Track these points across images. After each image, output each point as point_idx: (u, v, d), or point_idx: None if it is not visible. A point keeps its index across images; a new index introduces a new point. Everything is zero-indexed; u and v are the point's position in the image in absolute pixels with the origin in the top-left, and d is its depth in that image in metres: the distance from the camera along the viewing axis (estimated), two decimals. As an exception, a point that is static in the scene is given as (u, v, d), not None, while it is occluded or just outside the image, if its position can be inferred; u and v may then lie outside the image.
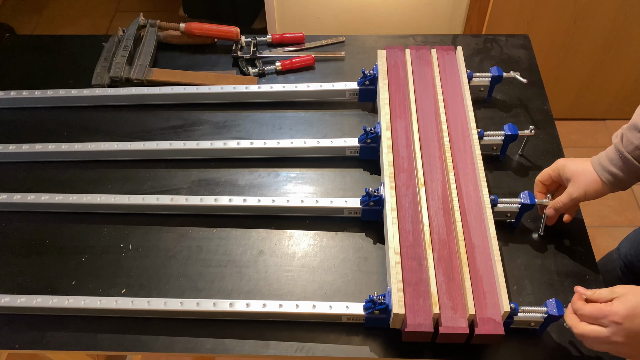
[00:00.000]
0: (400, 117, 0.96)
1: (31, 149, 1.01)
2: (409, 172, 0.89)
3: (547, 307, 0.75)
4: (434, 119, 0.95)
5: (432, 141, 0.92)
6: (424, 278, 0.77)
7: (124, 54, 1.16)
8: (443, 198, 0.86)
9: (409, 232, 0.82)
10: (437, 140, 0.92)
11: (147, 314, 0.82)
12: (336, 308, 0.78)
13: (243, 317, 0.81)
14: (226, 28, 1.19)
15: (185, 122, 1.08)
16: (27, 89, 1.11)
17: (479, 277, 0.78)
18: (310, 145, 0.98)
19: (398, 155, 0.91)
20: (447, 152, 0.90)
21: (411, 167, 0.89)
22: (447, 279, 0.77)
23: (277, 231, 0.92)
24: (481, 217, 0.83)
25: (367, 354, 0.78)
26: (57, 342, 0.81)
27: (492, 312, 0.74)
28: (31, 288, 0.86)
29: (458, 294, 0.76)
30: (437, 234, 0.82)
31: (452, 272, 0.78)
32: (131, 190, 0.97)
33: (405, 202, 0.85)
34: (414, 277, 0.78)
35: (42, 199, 0.94)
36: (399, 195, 0.86)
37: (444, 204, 0.85)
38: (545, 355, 0.77)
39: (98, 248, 0.91)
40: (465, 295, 0.75)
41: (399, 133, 0.93)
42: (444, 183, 0.87)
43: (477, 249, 0.80)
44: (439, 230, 0.82)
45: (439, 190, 0.86)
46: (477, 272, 0.78)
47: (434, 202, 0.85)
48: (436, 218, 0.83)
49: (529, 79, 1.06)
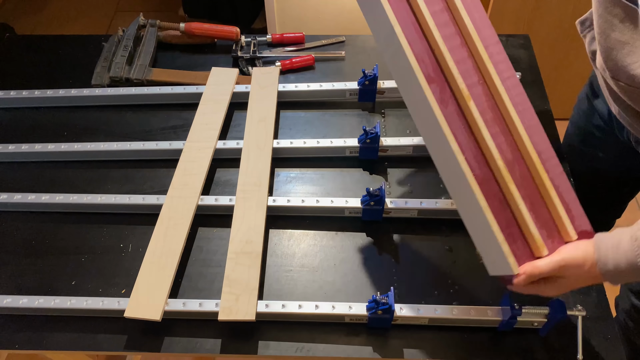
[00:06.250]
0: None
1: (31, 149, 1.01)
2: (441, 83, 0.70)
3: (551, 307, 0.75)
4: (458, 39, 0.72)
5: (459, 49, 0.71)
6: (512, 216, 0.69)
7: (124, 54, 1.16)
8: (492, 109, 0.71)
9: (474, 168, 0.68)
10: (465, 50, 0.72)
11: (147, 314, 0.82)
12: (339, 308, 0.78)
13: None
14: (226, 28, 1.19)
15: (185, 122, 1.08)
16: (27, 89, 1.11)
17: (559, 191, 0.70)
18: (310, 145, 0.98)
19: (422, 63, 0.69)
20: (480, 52, 0.70)
21: (440, 75, 0.70)
22: (533, 205, 0.69)
23: (277, 231, 0.92)
24: (531, 119, 0.71)
25: (369, 354, 0.78)
26: (57, 342, 0.81)
27: (581, 222, 0.70)
28: (31, 288, 0.86)
29: (549, 219, 0.69)
30: (504, 158, 0.69)
31: (534, 194, 0.69)
32: (131, 190, 0.97)
33: (454, 128, 0.68)
34: (502, 217, 0.68)
35: (42, 199, 0.94)
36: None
37: (494, 116, 0.70)
38: (549, 355, 0.77)
39: (98, 248, 0.91)
40: (561, 218, 0.69)
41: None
42: (485, 90, 0.71)
43: (542, 156, 0.70)
44: (504, 151, 0.69)
45: (483, 102, 0.70)
46: (555, 186, 0.70)
47: (485, 116, 0.70)
48: (497, 138, 0.69)
49: (529, 79, 1.06)
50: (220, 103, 1.05)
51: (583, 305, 0.75)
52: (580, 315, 0.75)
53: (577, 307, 0.75)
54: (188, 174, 0.94)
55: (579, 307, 0.75)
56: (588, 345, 0.76)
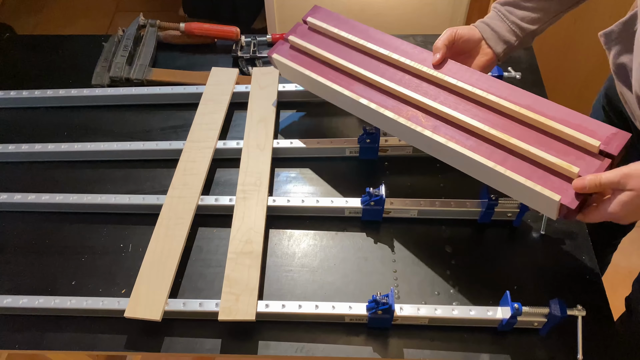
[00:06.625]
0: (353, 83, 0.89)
1: (31, 149, 1.01)
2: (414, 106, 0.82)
3: (550, 307, 0.75)
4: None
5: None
6: (533, 165, 0.73)
7: (124, 54, 1.16)
8: (462, 103, 0.80)
9: (482, 152, 0.75)
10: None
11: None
12: (339, 308, 0.78)
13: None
14: (226, 28, 1.19)
15: (185, 122, 1.08)
16: (27, 89, 1.11)
17: (562, 121, 0.73)
18: (310, 145, 0.98)
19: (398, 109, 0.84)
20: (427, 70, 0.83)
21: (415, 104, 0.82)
22: (546, 146, 0.72)
23: (277, 231, 0.92)
24: (504, 89, 0.78)
25: (369, 354, 0.78)
26: (57, 342, 0.81)
27: (602, 130, 0.70)
28: (31, 288, 0.86)
29: (567, 146, 0.72)
30: (497, 126, 0.76)
31: (541, 138, 0.73)
32: (131, 190, 0.97)
33: (445, 132, 0.78)
34: (525, 169, 0.72)
35: (42, 199, 0.94)
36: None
37: (468, 107, 0.79)
38: (549, 355, 0.77)
39: (98, 248, 0.91)
40: (578, 139, 0.71)
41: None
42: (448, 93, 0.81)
43: (531, 107, 0.75)
44: (494, 122, 0.76)
45: (451, 104, 0.80)
46: (557, 119, 0.74)
47: (461, 106, 0.79)
48: (480, 116, 0.77)
49: (529, 79, 1.06)
50: (220, 103, 1.05)
51: (583, 305, 0.75)
52: (580, 315, 0.75)
53: (577, 307, 0.75)
54: (188, 174, 0.94)
55: (579, 307, 0.75)
56: (588, 345, 0.76)
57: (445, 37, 0.83)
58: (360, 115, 0.90)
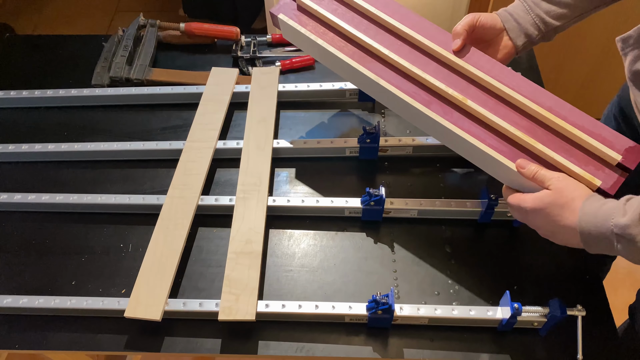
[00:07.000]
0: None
1: (31, 149, 1.01)
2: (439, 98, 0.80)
3: (550, 307, 0.75)
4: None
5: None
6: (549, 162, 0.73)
7: (124, 54, 1.16)
8: (490, 99, 0.78)
9: (504, 151, 0.74)
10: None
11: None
12: (339, 308, 0.78)
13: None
14: (226, 28, 1.19)
15: (185, 122, 1.08)
16: (27, 89, 1.11)
17: (585, 129, 0.73)
18: (310, 145, 0.98)
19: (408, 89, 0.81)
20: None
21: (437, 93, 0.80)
22: (568, 153, 0.73)
23: (277, 231, 0.92)
24: (528, 86, 0.78)
25: (369, 354, 0.78)
26: (57, 342, 0.81)
27: (621, 143, 0.72)
28: (31, 288, 0.86)
29: (588, 156, 0.72)
30: (521, 127, 0.75)
31: (564, 144, 0.74)
32: (131, 190, 0.97)
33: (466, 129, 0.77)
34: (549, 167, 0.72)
35: (42, 199, 0.94)
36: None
37: (496, 102, 0.78)
38: (549, 355, 0.77)
39: (98, 248, 0.91)
40: (598, 149, 0.71)
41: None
42: (475, 87, 0.80)
43: (554, 110, 0.76)
44: (519, 123, 0.75)
45: (478, 97, 0.78)
46: (579, 126, 0.74)
47: (487, 106, 0.77)
48: (507, 117, 0.76)
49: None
50: (220, 103, 1.05)
51: (583, 305, 0.75)
52: (580, 315, 0.75)
53: (577, 307, 0.75)
54: (188, 174, 0.94)
55: (579, 307, 0.75)
56: (588, 345, 0.76)
57: (465, 22, 0.80)
58: (367, 91, 0.86)
